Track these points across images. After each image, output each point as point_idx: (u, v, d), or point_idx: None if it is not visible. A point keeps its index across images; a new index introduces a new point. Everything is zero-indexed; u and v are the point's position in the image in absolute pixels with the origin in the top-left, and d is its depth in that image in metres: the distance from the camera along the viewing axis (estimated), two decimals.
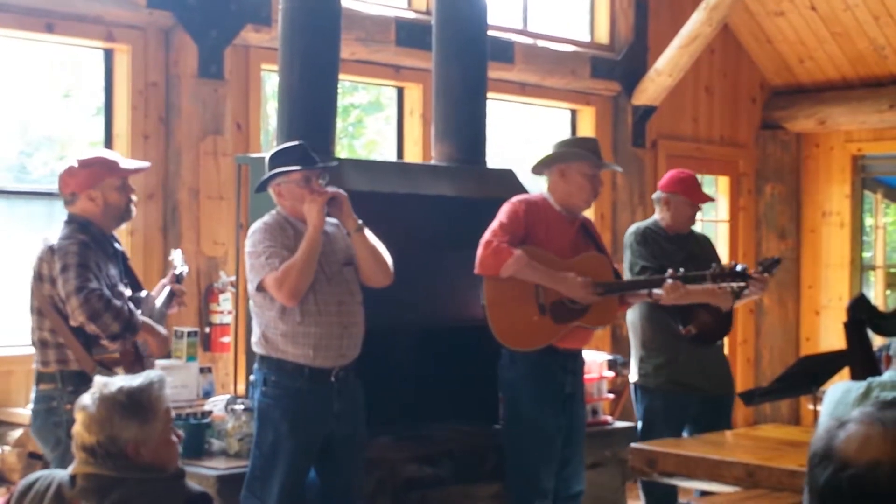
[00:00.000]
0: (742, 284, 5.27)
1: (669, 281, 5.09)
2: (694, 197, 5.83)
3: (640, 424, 5.81)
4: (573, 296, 4.93)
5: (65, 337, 4.35)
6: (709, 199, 6.13)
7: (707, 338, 5.68)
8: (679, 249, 5.71)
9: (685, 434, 5.70)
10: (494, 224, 4.92)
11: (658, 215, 5.87)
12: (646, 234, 5.75)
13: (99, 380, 3.01)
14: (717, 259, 5.88)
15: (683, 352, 5.65)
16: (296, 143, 4.64)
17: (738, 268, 5.31)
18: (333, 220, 4.62)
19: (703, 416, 5.73)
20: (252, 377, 4.64)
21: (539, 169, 5.13)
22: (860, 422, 1.64)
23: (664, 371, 5.70)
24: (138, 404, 2.92)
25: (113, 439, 2.88)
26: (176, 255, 5.05)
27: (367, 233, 4.55)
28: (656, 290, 5.16)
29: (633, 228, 5.87)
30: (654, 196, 5.95)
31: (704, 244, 6.02)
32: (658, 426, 5.66)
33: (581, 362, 5.22)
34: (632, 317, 5.83)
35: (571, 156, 5.05)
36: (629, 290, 5.23)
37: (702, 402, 5.74)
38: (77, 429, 2.94)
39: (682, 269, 5.19)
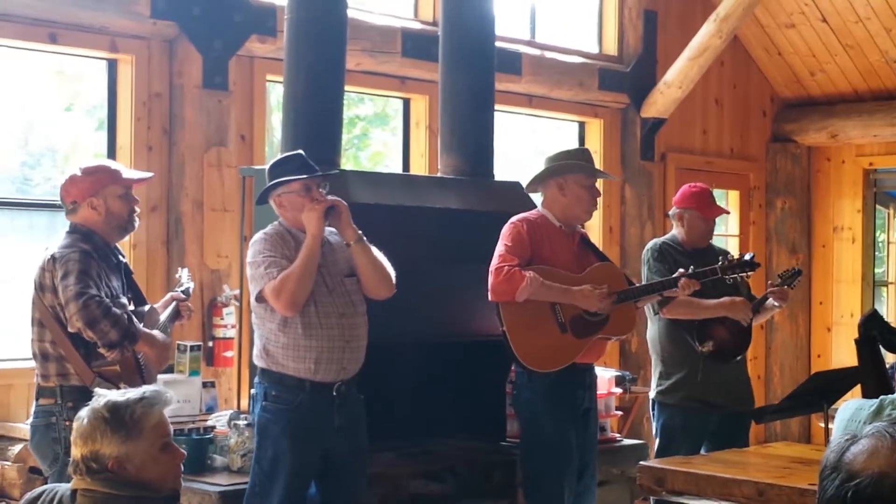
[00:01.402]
0: (749, 275, 5.27)
1: (683, 282, 5.09)
2: (707, 211, 5.79)
3: (657, 440, 5.75)
4: (592, 307, 4.89)
5: (64, 348, 4.30)
6: (723, 211, 6.11)
7: (725, 354, 5.64)
8: (697, 265, 5.65)
9: (703, 450, 5.64)
10: (500, 248, 4.86)
11: (675, 231, 5.84)
12: (662, 249, 5.71)
13: (98, 392, 2.96)
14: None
15: (703, 368, 5.60)
16: (294, 152, 4.59)
17: (747, 257, 5.31)
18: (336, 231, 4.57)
19: (722, 432, 5.68)
20: (252, 391, 4.59)
21: (534, 186, 5.09)
22: (870, 436, 1.65)
23: (683, 387, 5.66)
24: (121, 420, 2.86)
25: (95, 454, 2.84)
26: (183, 273, 5.02)
27: (368, 244, 4.49)
28: (674, 290, 5.15)
29: (650, 244, 5.84)
30: (670, 212, 5.94)
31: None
32: (676, 442, 5.61)
33: (595, 376, 5.20)
34: (652, 333, 5.81)
35: (567, 168, 5.01)
36: (644, 294, 5.19)
37: (721, 419, 5.69)
38: (73, 441, 2.89)
39: (692, 267, 5.18)
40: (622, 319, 5.05)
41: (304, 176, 4.45)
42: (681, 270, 5.18)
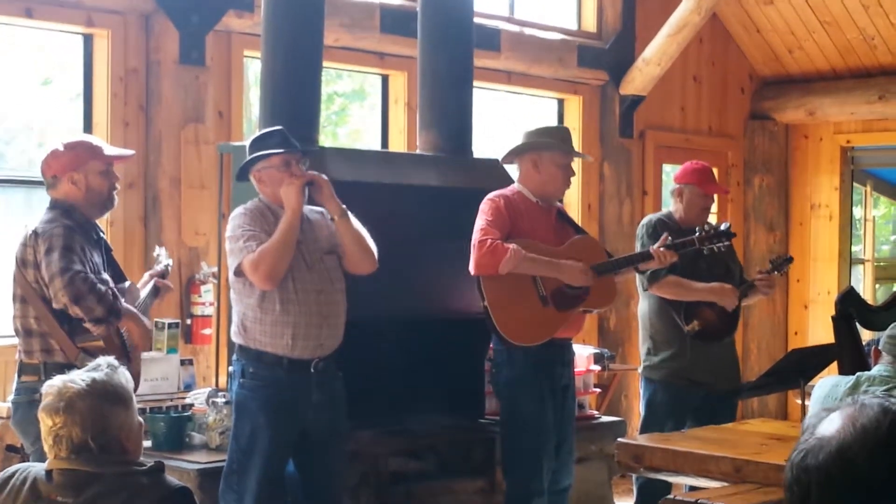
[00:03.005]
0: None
1: (659, 253, 5.12)
2: (706, 187, 5.84)
3: (642, 414, 5.82)
4: (575, 282, 4.91)
5: (48, 324, 4.30)
6: (722, 190, 6.17)
7: (710, 335, 5.68)
8: None
9: (687, 428, 5.68)
10: (480, 223, 4.87)
11: (672, 207, 5.90)
12: (657, 225, 5.73)
13: (57, 380, 2.92)
14: (733, 253, 5.88)
15: (690, 347, 5.64)
16: (275, 128, 4.58)
17: (723, 227, 5.36)
18: (318, 209, 4.56)
19: (705, 410, 5.72)
20: (231, 368, 4.58)
21: (510, 158, 5.10)
22: (842, 408, 1.66)
23: (669, 364, 5.72)
24: (116, 392, 2.88)
25: (104, 430, 2.83)
26: (161, 252, 5.00)
27: (352, 218, 4.49)
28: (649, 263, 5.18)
29: (645, 220, 5.90)
30: (670, 189, 5.97)
31: None
32: (659, 418, 5.69)
33: (573, 352, 5.23)
34: (642, 309, 5.87)
35: (544, 146, 5.03)
36: (623, 266, 5.22)
37: (706, 397, 5.74)
38: (61, 431, 2.84)
39: (670, 238, 5.19)
40: (603, 292, 5.08)
41: (283, 150, 4.44)
42: (661, 239, 5.21)
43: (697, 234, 5.31)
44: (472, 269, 4.85)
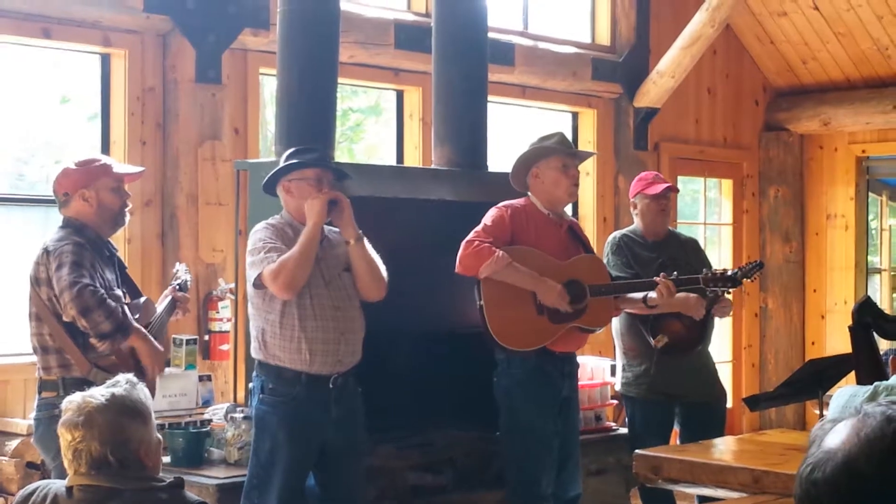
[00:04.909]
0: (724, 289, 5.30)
1: (661, 284, 5.10)
2: (650, 189, 5.74)
3: (628, 432, 5.78)
4: (547, 302, 4.90)
5: (61, 340, 4.33)
6: (671, 188, 5.89)
7: (680, 348, 5.59)
8: (658, 255, 5.66)
9: (678, 442, 5.64)
10: (479, 226, 4.92)
11: (635, 222, 5.84)
12: (620, 242, 5.72)
13: (77, 395, 2.94)
14: (703, 262, 5.81)
15: (656, 361, 5.59)
16: (315, 146, 4.66)
17: (730, 272, 5.29)
18: (336, 228, 4.59)
19: (692, 423, 5.69)
20: (251, 384, 4.61)
21: (520, 185, 5.09)
22: (846, 419, 1.66)
23: (643, 379, 5.66)
24: (136, 407, 2.91)
25: (123, 445, 2.86)
26: (180, 268, 5.04)
27: (367, 244, 4.52)
28: (651, 294, 5.14)
29: (609, 237, 5.85)
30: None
31: (689, 247, 5.93)
32: (642, 434, 5.61)
33: (576, 365, 5.21)
34: (615, 326, 5.78)
35: (534, 156, 5.03)
36: (621, 292, 5.20)
37: (687, 410, 5.70)
38: (80, 445, 2.86)
39: (675, 273, 5.17)
40: (599, 312, 5.08)
41: (322, 165, 4.50)
42: (662, 274, 5.19)
43: (703, 273, 5.28)
44: (456, 265, 4.87)
